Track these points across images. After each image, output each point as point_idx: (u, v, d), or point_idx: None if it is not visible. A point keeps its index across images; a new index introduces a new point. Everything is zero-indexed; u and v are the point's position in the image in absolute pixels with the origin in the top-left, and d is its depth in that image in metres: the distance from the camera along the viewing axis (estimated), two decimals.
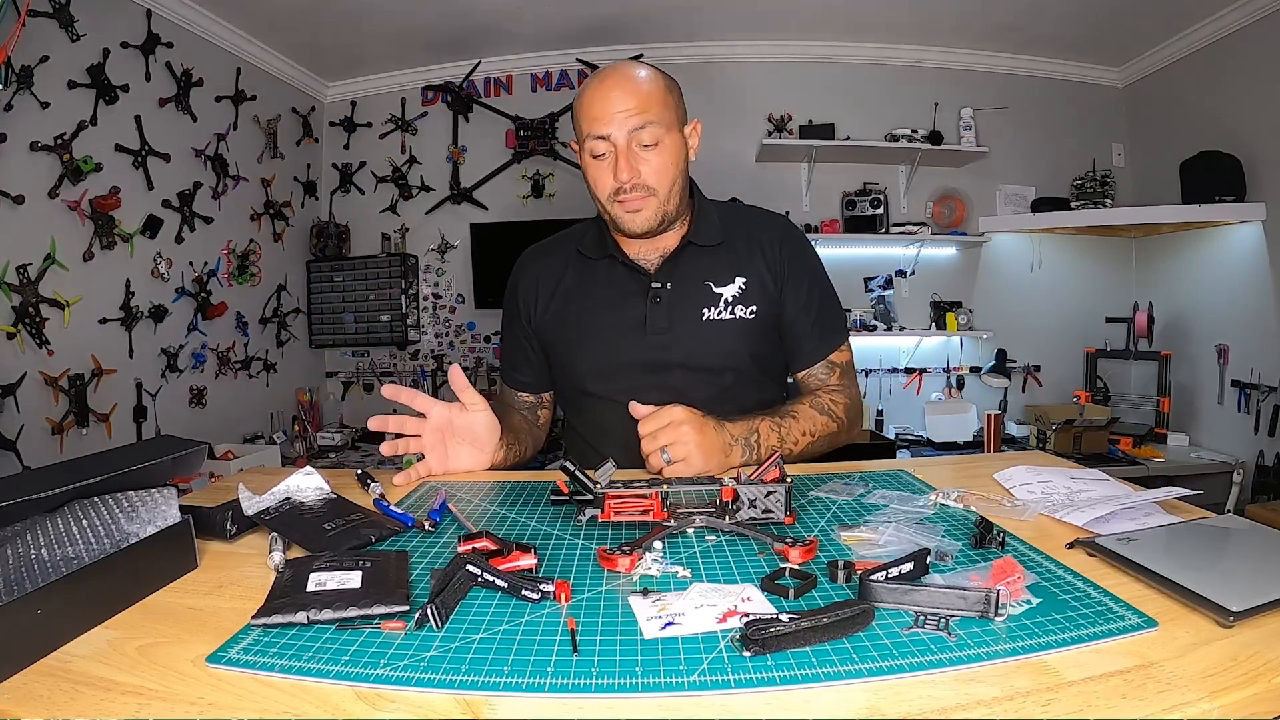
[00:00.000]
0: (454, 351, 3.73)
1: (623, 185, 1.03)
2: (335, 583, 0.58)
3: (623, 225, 1.08)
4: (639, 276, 1.14)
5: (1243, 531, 0.71)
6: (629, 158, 1.02)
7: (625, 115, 1.01)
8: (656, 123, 1.02)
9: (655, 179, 1.04)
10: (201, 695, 0.46)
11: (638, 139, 1.02)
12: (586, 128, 1.04)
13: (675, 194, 1.08)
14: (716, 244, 1.13)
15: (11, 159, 2.08)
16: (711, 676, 0.47)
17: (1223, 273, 3.05)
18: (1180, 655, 0.49)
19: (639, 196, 1.04)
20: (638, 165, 1.02)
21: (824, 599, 0.58)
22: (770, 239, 1.16)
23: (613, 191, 1.05)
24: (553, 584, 0.59)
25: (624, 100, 1.01)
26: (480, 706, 0.45)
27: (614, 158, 1.03)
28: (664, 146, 1.04)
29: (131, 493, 0.66)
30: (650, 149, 1.03)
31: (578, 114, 1.07)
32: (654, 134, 1.02)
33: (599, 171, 1.06)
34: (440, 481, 0.98)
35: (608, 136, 1.02)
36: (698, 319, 1.11)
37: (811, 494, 0.87)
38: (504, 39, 3.37)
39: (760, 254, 1.15)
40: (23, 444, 2.07)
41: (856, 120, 3.42)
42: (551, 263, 1.22)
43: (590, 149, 1.05)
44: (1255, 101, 2.80)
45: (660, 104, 1.04)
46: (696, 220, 1.14)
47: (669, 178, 1.05)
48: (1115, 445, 2.98)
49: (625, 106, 1.01)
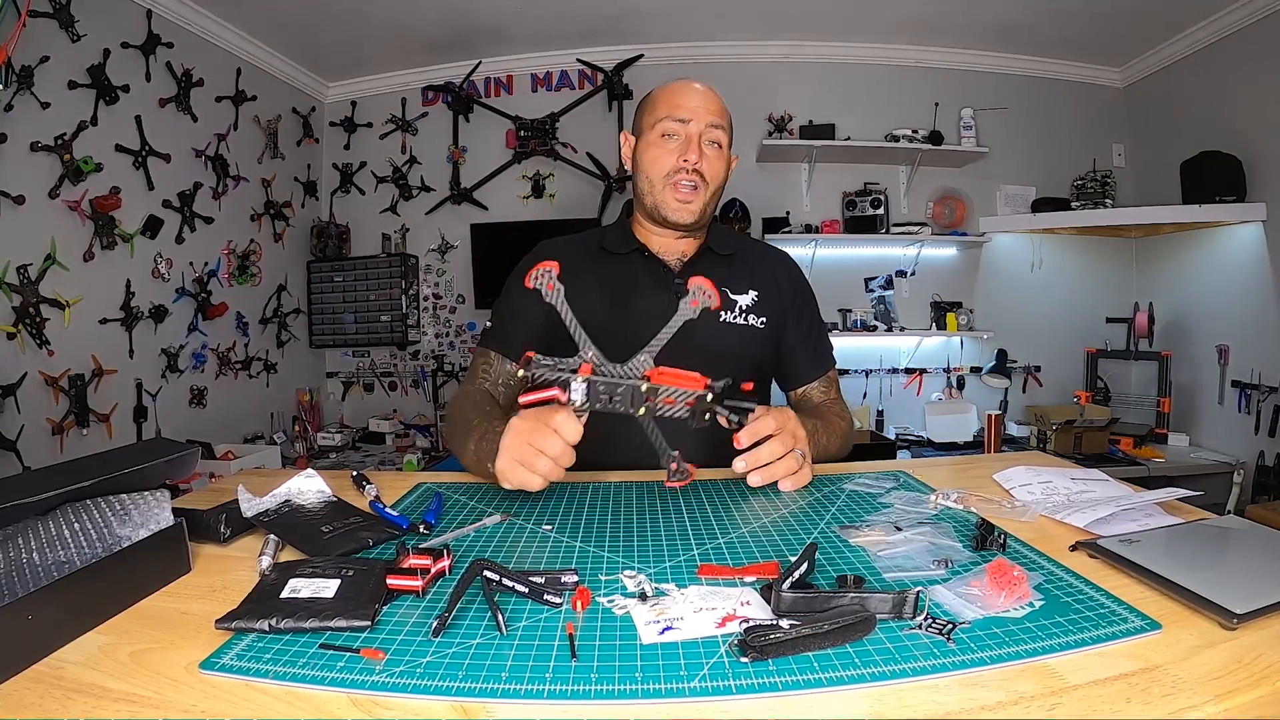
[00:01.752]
0: (454, 351, 3.73)
1: (685, 166, 1.11)
2: (310, 591, 0.58)
3: (668, 212, 1.14)
4: (662, 272, 1.18)
5: (1244, 532, 0.70)
6: (699, 145, 1.11)
7: (707, 111, 1.12)
8: (725, 130, 1.14)
9: (710, 174, 1.13)
10: (194, 703, 0.45)
11: (708, 135, 1.12)
12: (666, 110, 1.12)
13: (715, 197, 1.17)
14: (730, 254, 1.22)
15: (12, 159, 2.08)
16: (712, 682, 0.46)
17: (1223, 273, 3.04)
18: (1184, 658, 0.48)
19: (694, 182, 1.12)
20: (702, 155, 1.12)
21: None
22: (779, 266, 1.28)
23: (671, 171, 1.12)
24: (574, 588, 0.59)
25: (709, 100, 1.14)
26: (477, 712, 0.44)
27: (683, 143, 1.11)
28: (722, 154, 1.15)
29: (124, 495, 0.66)
30: (714, 148, 1.13)
31: (656, 101, 1.15)
32: (720, 138, 1.14)
33: (661, 150, 1.13)
34: (436, 483, 0.97)
35: (687, 121, 1.11)
36: (716, 319, 1.16)
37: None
38: (504, 39, 3.37)
39: (771, 276, 1.24)
40: (23, 444, 2.07)
41: (857, 120, 3.41)
42: (574, 252, 1.21)
43: (663, 129, 1.12)
44: (1255, 101, 2.79)
45: (728, 120, 1.16)
46: (713, 232, 1.23)
47: (719, 179, 1.15)
48: (1115, 446, 2.97)
49: (709, 105, 1.13)
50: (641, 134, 1.17)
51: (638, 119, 1.20)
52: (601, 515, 0.82)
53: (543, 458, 0.80)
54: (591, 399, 0.78)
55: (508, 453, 0.82)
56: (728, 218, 3.31)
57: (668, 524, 0.79)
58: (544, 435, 0.80)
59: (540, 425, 0.80)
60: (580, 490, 0.93)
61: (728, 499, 0.88)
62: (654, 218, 1.17)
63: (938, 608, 0.56)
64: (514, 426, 0.83)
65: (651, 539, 0.74)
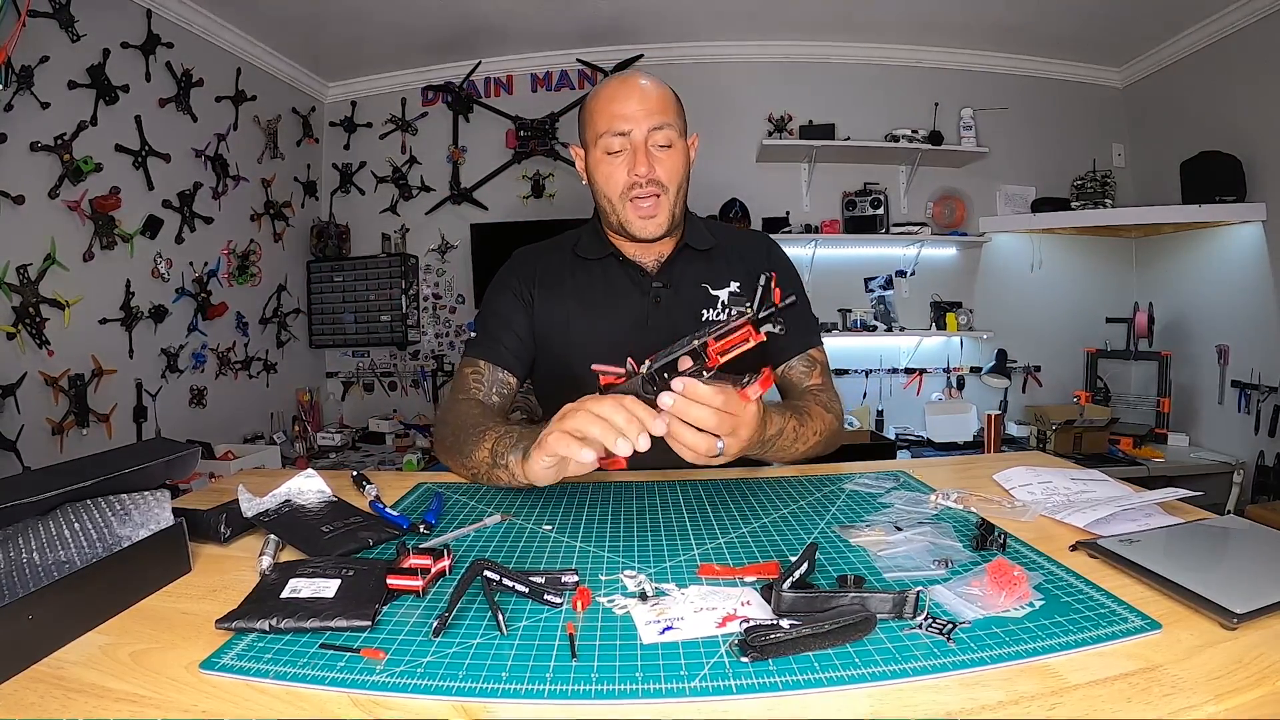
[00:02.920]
0: (454, 351, 3.73)
1: (638, 180, 1.06)
2: (310, 591, 0.58)
3: (633, 230, 1.09)
4: (639, 277, 1.15)
5: (1244, 532, 0.71)
6: (646, 154, 1.05)
7: (645, 115, 1.05)
8: (670, 126, 1.07)
9: (667, 177, 1.08)
10: (195, 702, 0.45)
11: (654, 139, 1.06)
12: (605, 125, 1.06)
13: (681, 197, 1.12)
14: (708, 249, 1.17)
15: (11, 159, 2.08)
16: (712, 682, 0.46)
17: (1223, 273, 3.04)
18: (1185, 658, 0.48)
19: (652, 193, 1.07)
20: (653, 163, 1.06)
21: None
22: (756, 250, 1.23)
23: (626, 188, 1.07)
24: (575, 588, 0.59)
25: (643, 102, 1.06)
26: (478, 712, 0.44)
27: (630, 155, 1.06)
28: (676, 149, 1.08)
29: (124, 495, 0.66)
30: (664, 150, 1.07)
31: (593, 114, 1.09)
32: (668, 136, 1.07)
33: (612, 168, 1.08)
34: (436, 483, 0.97)
35: (627, 134, 1.05)
36: (697, 320, 1.13)
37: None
38: (504, 39, 3.37)
39: (750, 262, 1.19)
40: (23, 444, 2.07)
41: (856, 120, 3.41)
42: (550, 261, 1.21)
43: (605, 146, 1.07)
44: (1255, 101, 2.80)
45: (674, 111, 1.09)
46: (688, 228, 1.18)
47: (679, 179, 1.10)
48: (1115, 445, 2.97)
49: (645, 107, 1.05)
50: (588, 149, 1.11)
51: (581, 131, 1.13)
52: (601, 515, 0.82)
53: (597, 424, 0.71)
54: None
55: (559, 425, 0.74)
56: (727, 217, 3.31)
57: (668, 524, 0.79)
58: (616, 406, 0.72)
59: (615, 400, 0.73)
60: (580, 490, 0.92)
61: (728, 499, 0.88)
62: (623, 234, 1.12)
63: (938, 608, 0.56)
64: (567, 410, 0.75)
65: (652, 539, 0.74)
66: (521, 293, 1.18)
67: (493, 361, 1.14)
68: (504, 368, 1.14)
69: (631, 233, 1.10)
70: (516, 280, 1.20)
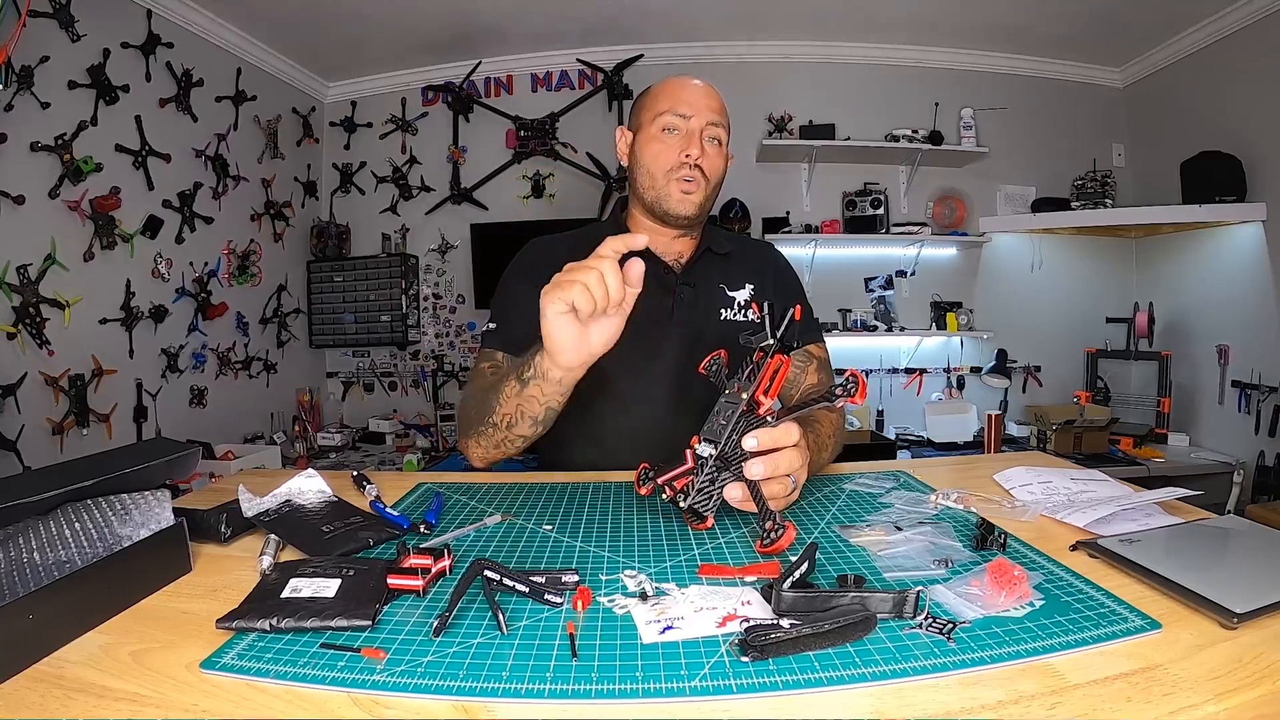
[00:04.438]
0: (454, 351, 3.73)
1: (686, 162, 1.10)
2: (311, 590, 0.58)
3: (670, 204, 1.12)
4: (664, 273, 1.17)
5: (1244, 532, 0.71)
6: (701, 140, 1.10)
7: (707, 108, 1.11)
8: (723, 127, 1.14)
9: (710, 170, 1.13)
10: (196, 702, 0.45)
11: (709, 132, 1.11)
12: (668, 104, 1.11)
13: (715, 193, 1.16)
14: (727, 253, 1.23)
15: (11, 159, 2.08)
16: (712, 681, 0.46)
17: (1223, 273, 3.04)
18: (1185, 657, 0.48)
19: (697, 177, 1.11)
20: (705, 150, 1.11)
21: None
22: (768, 258, 1.30)
23: (674, 166, 1.11)
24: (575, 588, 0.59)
25: (710, 97, 1.13)
26: (478, 712, 0.44)
27: (684, 137, 1.11)
28: (722, 151, 1.15)
29: (125, 495, 0.66)
30: (713, 144, 1.12)
31: (656, 95, 1.14)
32: (720, 135, 1.13)
33: (663, 146, 1.11)
34: (436, 483, 0.97)
35: (689, 117, 1.10)
36: (716, 318, 1.18)
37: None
38: (504, 39, 3.37)
39: (763, 268, 1.26)
40: (23, 444, 2.07)
41: (856, 120, 3.41)
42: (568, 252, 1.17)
43: (664, 124, 1.11)
44: (1255, 101, 2.80)
45: (727, 119, 1.15)
46: (708, 232, 1.23)
47: (718, 175, 1.15)
48: (1115, 445, 2.97)
49: (710, 103, 1.12)
50: (640, 129, 1.15)
51: (635, 114, 1.18)
52: (602, 515, 0.82)
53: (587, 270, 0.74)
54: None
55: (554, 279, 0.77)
56: (728, 217, 3.31)
57: (668, 524, 0.79)
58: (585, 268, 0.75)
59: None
60: (580, 490, 0.93)
61: None
62: (654, 212, 1.15)
63: (938, 607, 0.56)
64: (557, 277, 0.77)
65: (652, 539, 0.74)
66: (540, 282, 1.16)
67: (512, 354, 1.11)
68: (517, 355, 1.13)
69: (668, 208, 1.13)
70: (535, 270, 1.15)
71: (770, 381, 0.75)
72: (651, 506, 0.85)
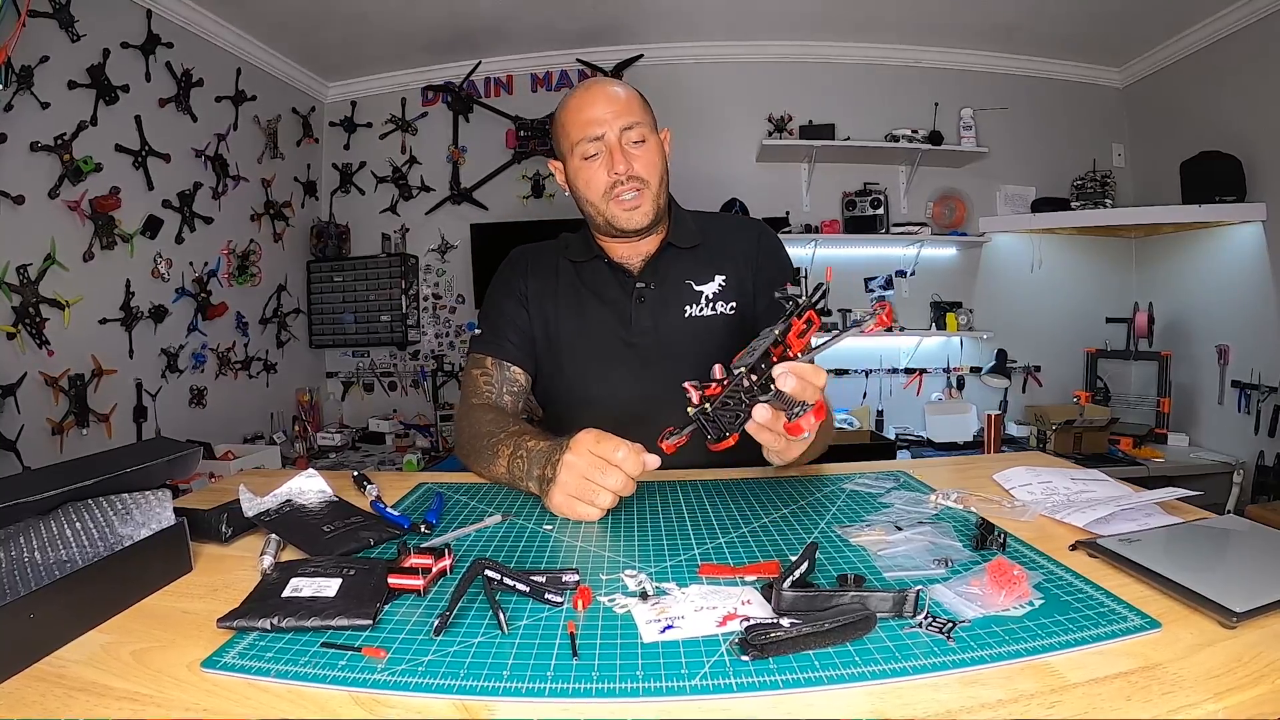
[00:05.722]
0: (454, 351, 3.73)
1: (618, 179, 1.08)
2: (311, 590, 0.58)
3: (619, 223, 1.11)
4: (624, 277, 1.17)
5: (1243, 532, 0.71)
6: (622, 152, 1.08)
7: (614, 116, 1.08)
8: (641, 123, 1.09)
9: (646, 171, 1.10)
10: (197, 701, 0.45)
11: (627, 138, 1.08)
12: (578, 132, 1.09)
13: (662, 189, 1.14)
14: (694, 245, 1.18)
15: (11, 159, 2.08)
16: (712, 680, 0.46)
17: (1223, 273, 3.04)
18: (1184, 656, 0.48)
19: (633, 188, 1.09)
20: (630, 160, 1.08)
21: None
22: (747, 237, 1.23)
23: (608, 187, 1.09)
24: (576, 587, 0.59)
25: (610, 104, 1.08)
26: (479, 711, 0.44)
27: (607, 156, 1.08)
28: (650, 144, 1.11)
29: (126, 495, 0.66)
30: (639, 146, 1.09)
31: (564, 125, 1.11)
32: (640, 133, 1.09)
33: (591, 172, 1.10)
34: (436, 483, 0.98)
35: (601, 136, 1.07)
36: (681, 317, 1.15)
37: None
38: (504, 39, 3.37)
39: (738, 252, 1.20)
40: (23, 444, 2.07)
41: (856, 120, 3.42)
42: (544, 263, 1.23)
43: (582, 152, 1.09)
44: (1255, 101, 2.80)
45: (640, 108, 1.12)
46: (673, 224, 1.19)
47: (658, 171, 1.12)
48: (1115, 445, 2.97)
49: (613, 109, 1.08)
50: (565, 159, 1.14)
51: (556, 146, 1.16)
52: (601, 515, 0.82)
53: (604, 492, 0.79)
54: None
55: (564, 489, 0.80)
56: None
57: (668, 523, 0.79)
58: (605, 471, 0.79)
59: (601, 461, 0.79)
60: None
61: (728, 499, 0.88)
62: (609, 232, 1.14)
63: (938, 606, 0.56)
64: (570, 464, 0.80)
65: (652, 538, 0.74)
66: (520, 290, 1.21)
67: (499, 358, 1.17)
68: (511, 363, 1.17)
69: (618, 226, 1.11)
70: (516, 278, 1.22)
71: (804, 331, 0.75)
72: (652, 506, 0.85)
